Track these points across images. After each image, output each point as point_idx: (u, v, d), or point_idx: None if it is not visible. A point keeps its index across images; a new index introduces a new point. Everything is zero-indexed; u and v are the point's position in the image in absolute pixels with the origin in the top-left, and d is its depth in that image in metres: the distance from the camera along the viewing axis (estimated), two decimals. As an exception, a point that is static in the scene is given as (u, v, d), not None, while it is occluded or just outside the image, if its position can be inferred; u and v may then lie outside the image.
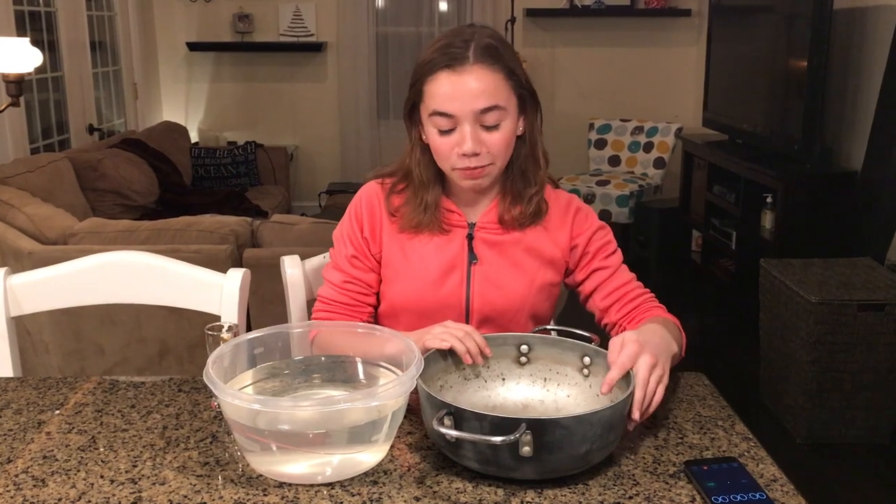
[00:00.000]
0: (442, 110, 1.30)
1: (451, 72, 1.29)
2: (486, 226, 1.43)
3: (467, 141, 1.30)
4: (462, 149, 1.31)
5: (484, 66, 1.29)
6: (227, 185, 5.21)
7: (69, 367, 2.76)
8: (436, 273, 1.41)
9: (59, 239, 2.81)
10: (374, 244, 1.45)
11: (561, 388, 1.21)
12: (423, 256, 1.42)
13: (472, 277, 1.42)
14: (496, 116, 1.31)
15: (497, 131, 1.32)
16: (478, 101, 1.29)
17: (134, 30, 5.28)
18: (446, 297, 1.41)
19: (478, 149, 1.31)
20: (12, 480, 1.05)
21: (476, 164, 1.33)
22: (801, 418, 2.80)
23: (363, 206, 1.46)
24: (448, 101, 1.30)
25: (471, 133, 1.30)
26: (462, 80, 1.29)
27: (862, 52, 3.71)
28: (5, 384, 1.35)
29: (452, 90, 1.29)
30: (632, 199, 4.94)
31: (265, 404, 1.03)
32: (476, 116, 1.30)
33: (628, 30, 5.55)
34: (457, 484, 1.03)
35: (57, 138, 4.41)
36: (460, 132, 1.31)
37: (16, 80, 2.93)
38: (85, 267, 1.57)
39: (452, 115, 1.30)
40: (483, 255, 1.42)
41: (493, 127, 1.32)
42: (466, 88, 1.29)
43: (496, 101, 1.30)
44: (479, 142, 1.31)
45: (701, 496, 0.99)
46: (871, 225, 3.40)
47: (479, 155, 1.32)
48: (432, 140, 1.35)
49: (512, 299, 1.42)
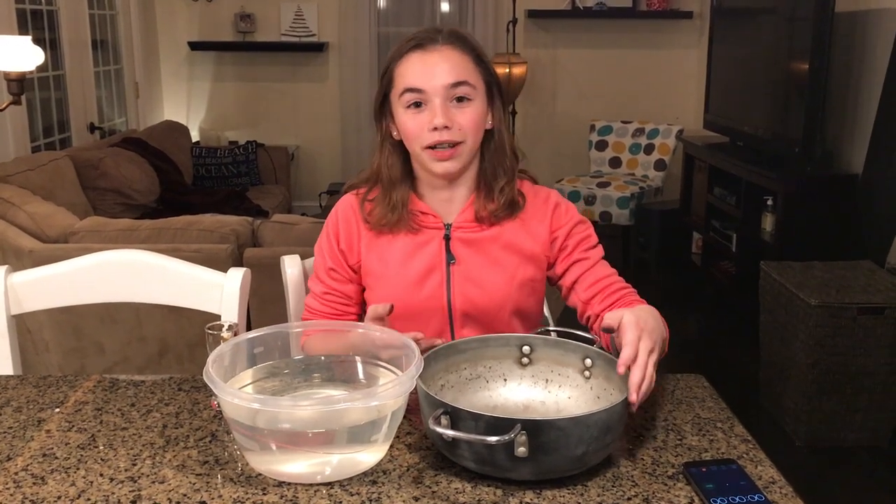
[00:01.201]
0: (412, 86, 1.34)
1: (421, 51, 1.34)
2: (462, 225, 1.43)
3: (438, 114, 1.33)
4: (433, 122, 1.33)
5: (453, 47, 1.35)
6: (228, 184, 5.21)
7: (69, 365, 2.76)
8: (415, 276, 1.42)
9: (59, 237, 2.81)
10: (352, 255, 1.46)
11: (562, 390, 1.21)
12: (401, 261, 1.43)
13: (452, 278, 1.42)
14: (466, 90, 1.34)
15: (467, 107, 1.35)
16: (448, 76, 1.33)
17: (135, 29, 5.28)
18: (427, 299, 1.42)
19: (449, 122, 1.33)
20: (12, 478, 1.05)
21: (448, 138, 1.34)
22: (800, 421, 2.80)
23: (339, 219, 1.47)
24: (419, 76, 1.33)
25: (441, 107, 1.33)
26: (432, 58, 1.34)
27: (863, 55, 3.71)
28: (5, 382, 1.35)
29: (423, 67, 1.33)
30: (632, 201, 4.94)
31: (265, 403, 1.03)
32: (446, 91, 1.33)
33: (630, 31, 5.56)
34: (455, 484, 1.03)
35: (58, 137, 4.41)
36: (430, 109, 1.34)
37: (17, 78, 2.94)
38: (85, 265, 1.58)
39: (423, 89, 1.33)
40: (461, 255, 1.42)
41: (464, 103, 1.34)
42: (436, 63, 1.33)
43: (465, 77, 1.34)
44: (448, 116, 1.33)
45: (699, 498, 0.99)
46: (872, 228, 3.40)
47: (450, 129, 1.33)
48: (403, 122, 1.37)
49: (493, 297, 1.42)
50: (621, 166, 5.37)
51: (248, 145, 5.35)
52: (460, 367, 1.22)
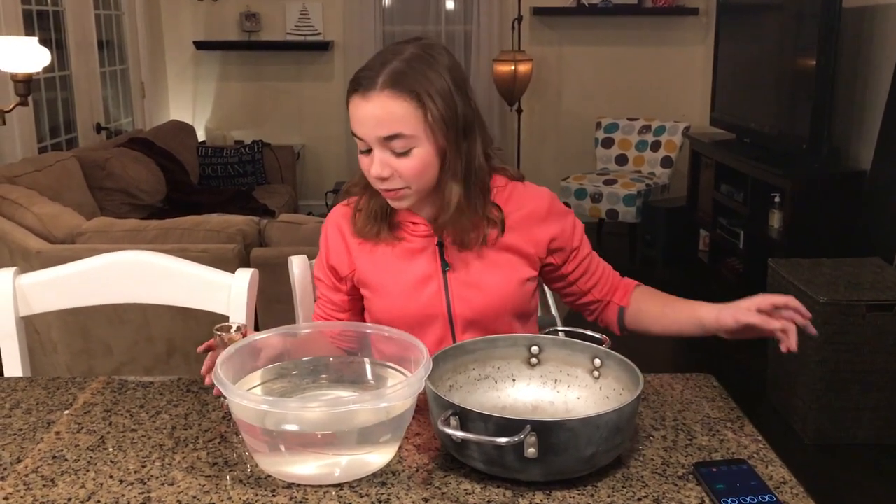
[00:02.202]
0: (355, 132, 1.32)
1: (360, 97, 1.29)
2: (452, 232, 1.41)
3: (375, 165, 1.31)
4: (371, 171, 1.32)
5: (391, 94, 1.27)
6: (234, 183, 5.21)
7: (77, 366, 2.77)
8: (411, 284, 1.41)
9: (67, 238, 2.82)
10: (343, 268, 1.46)
11: (571, 390, 1.20)
12: (396, 270, 1.42)
13: (450, 284, 1.41)
14: (403, 144, 1.29)
15: (407, 158, 1.30)
16: (380, 128, 1.28)
17: (141, 29, 5.29)
18: (426, 306, 1.41)
19: (384, 173, 1.30)
20: (22, 480, 1.05)
21: (388, 186, 1.33)
22: (809, 419, 2.79)
23: (328, 233, 1.48)
24: (357, 124, 1.31)
25: (378, 157, 1.30)
26: (367, 107, 1.28)
27: (871, 51, 3.69)
28: (15, 384, 1.36)
29: (360, 115, 1.30)
30: (639, 199, 4.93)
31: (274, 405, 1.03)
32: (381, 142, 1.29)
33: (635, 28, 5.54)
34: (465, 485, 1.03)
35: (65, 137, 4.42)
36: (371, 155, 1.32)
37: (24, 79, 2.94)
38: (94, 267, 1.58)
39: (361, 138, 1.31)
40: (455, 261, 1.41)
41: (403, 153, 1.30)
42: (370, 115, 1.28)
43: (399, 130, 1.28)
44: (387, 166, 1.30)
45: (710, 498, 0.98)
46: (880, 225, 3.39)
47: (387, 179, 1.32)
48: (359, 158, 1.35)
49: (492, 299, 1.41)
50: (628, 164, 5.36)
51: (254, 145, 5.35)
52: (469, 367, 1.21)
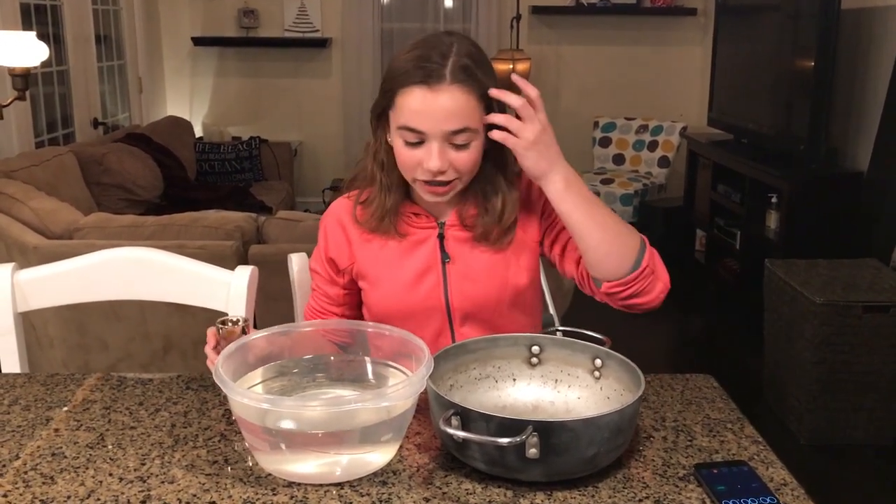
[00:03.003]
0: (412, 126, 1.28)
1: (426, 88, 1.26)
2: (456, 223, 1.42)
3: (434, 159, 1.28)
4: (428, 165, 1.29)
5: (461, 87, 1.26)
6: (232, 180, 5.21)
7: (73, 361, 2.76)
8: (411, 277, 1.41)
9: (64, 233, 2.81)
10: (343, 260, 1.45)
11: (572, 390, 1.20)
12: (395, 262, 1.42)
13: (448, 277, 1.41)
14: (466, 137, 1.28)
15: (465, 150, 1.30)
16: (449, 122, 1.27)
17: (139, 24, 5.27)
18: (424, 299, 1.41)
19: (444, 167, 1.29)
20: (21, 477, 1.05)
21: (441, 179, 1.31)
22: (804, 419, 2.80)
23: (328, 226, 1.47)
24: (419, 117, 1.27)
25: (438, 151, 1.28)
26: (435, 99, 1.26)
27: (869, 53, 3.70)
28: (13, 380, 1.35)
29: (425, 108, 1.26)
30: (636, 198, 4.94)
31: (274, 404, 1.03)
32: (446, 136, 1.28)
33: (634, 28, 5.54)
34: (466, 485, 1.03)
35: (62, 132, 4.40)
36: (427, 148, 1.29)
37: (22, 73, 2.93)
38: (92, 263, 1.57)
39: (422, 131, 1.28)
40: (455, 253, 1.41)
41: (463, 146, 1.29)
42: (439, 108, 1.26)
43: (467, 124, 1.27)
44: (445, 160, 1.29)
45: (711, 500, 0.98)
46: (877, 226, 3.40)
47: (444, 172, 1.30)
48: (398, 150, 1.33)
49: (491, 292, 1.41)
50: (625, 163, 5.37)
51: (252, 141, 5.34)
52: (469, 367, 1.21)
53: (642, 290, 1.29)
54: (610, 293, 1.31)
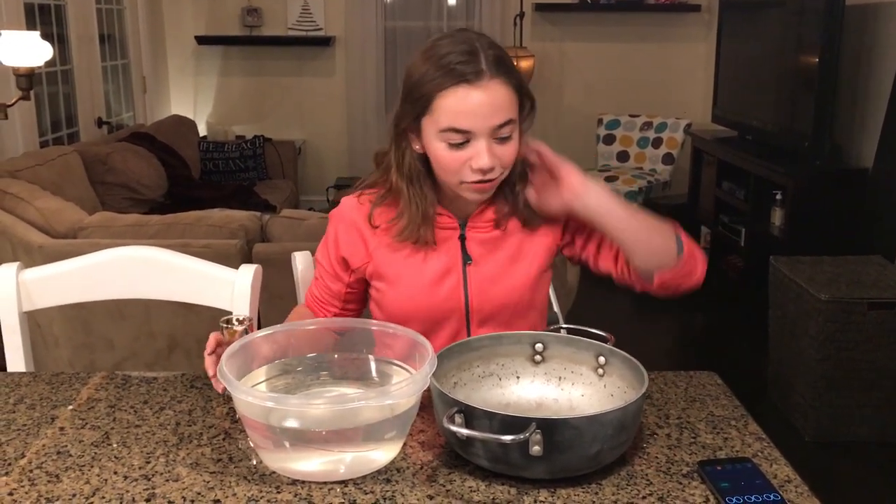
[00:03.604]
0: (459, 127, 1.26)
1: (467, 86, 1.24)
2: (477, 225, 1.41)
3: (484, 156, 1.27)
4: (478, 164, 1.27)
5: (501, 82, 1.26)
6: (236, 178, 5.21)
7: (79, 360, 2.77)
8: (431, 279, 1.40)
9: (68, 233, 2.82)
10: (356, 260, 1.43)
11: (575, 388, 1.21)
12: (417, 264, 1.40)
13: (469, 279, 1.40)
14: (509, 129, 1.29)
15: (509, 143, 1.30)
16: (495, 116, 1.26)
17: (143, 23, 5.28)
18: (444, 301, 1.40)
19: (494, 163, 1.28)
20: (27, 475, 1.05)
21: (490, 177, 1.30)
22: (809, 416, 2.80)
23: (341, 225, 1.45)
24: (464, 117, 1.25)
25: (487, 148, 1.27)
26: (480, 97, 1.25)
27: (874, 49, 3.69)
28: (18, 379, 1.36)
29: (470, 107, 1.25)
30: (640, 195, 4.93)
31: (279, 402, 1.03)
32: (493, 131, 1.27)
33: (638, 25, 5.53)
34: (469, 482, 1.03)
35: (66, 132, 4.41)
36: (474, 147, 1.27)
37: (26, 73, 2.94)
38: (97, 262, 1.58)
39: (469, 130, 1.26)
40: (477, 255, 1.40)
41: (506, 139, 1.29)
42: (485, 103, 1.25)
43: (511, 115, 1.28)
44: (493, 156, 1.28)
45: (715, 497, 0.98)
46: (882, 223, 3.39)
47: (493, 169, 1.29)
48: (440, 154, 1.30)
49: (511, 294, 1.41)
50: (629, 160, 5.36)
51: (256, 140, 5.35)
52: (473, 364, 1.21)
53: (690, 271, 1.34)
54: (664, 284, 1.34)
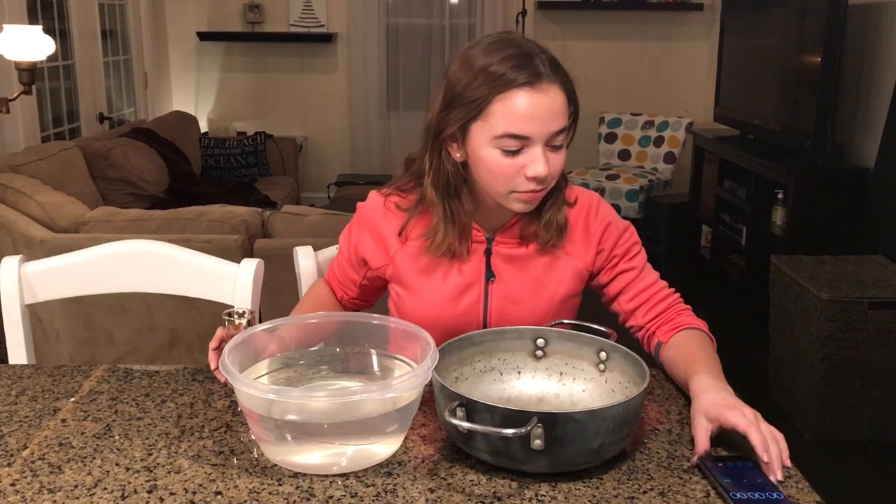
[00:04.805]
0: (517, 133, 1.20)
1: (530, 90, 1.19)
2: (504, 240, 1.36)
3: (540, 164, 1.21)
4: (534, 171, 1.21)
5: (559, 86, 1.22)
6: (237, 175, 5.21)
7: (80, 354, 2.77)
8: (452, 292, 1.36)
9: (70, 227, 2.82)
10: (377, 261, 1.40)
11: (577, 383, 1.21)
12: (439, 275, 1.37)
13: (490, 296, 1.36)
14: (563, 137, 1.24)
15: (560, 151, 1.25)
16: (555, 122, 1.21)
17: (144, 19, 5.28)
18: (462, 315, 1.37)
19: (549, 171, 1.23)
20: (29, 467, 1.05)
21: (543, 186, 1.25)
22: (810, 415, 2.80)
23: (366, 225, 1.41)
24: (525, 122, 1.19)
25: (543, 155, 1.21)
26: (542, 101, 1.19)
27: (876, 48, 3.69)
28: (20, 371, 1.36)
29: (532, 110, 1.19)
30: (641, 194, 4.93)
31: (280, 394, 1.03)
32: (550, 137, 1.22)
33: (640, 23, 5.53)
34: (471, 476, 1.03)
35: (67, 127, 4.42)
36: (530, 154, 1.21)
37: (28, 67, 2.94)
38: (99, 255, 1.58)
39: (528, 136, 1.20)
40: (501, 272, 1.36)
41: (558, 147, 1.24)
42: (546, 108, 1.20)
43: (566, 123, 1.24)
44: (548, 164, 1.22)
45: (716, 492, 0.98)
46: (883, 222, 3.39)
47: (547, 177, 1.24)
48: (492, 162, 1.23)
49: (531, 316, 1.36)
50: (630, 159, 5.36)
51: (257, 136, 5.35)
52: (474, 359, 1.22)
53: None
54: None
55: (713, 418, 1.07)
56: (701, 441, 1.06)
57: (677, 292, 1.42)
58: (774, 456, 1.02)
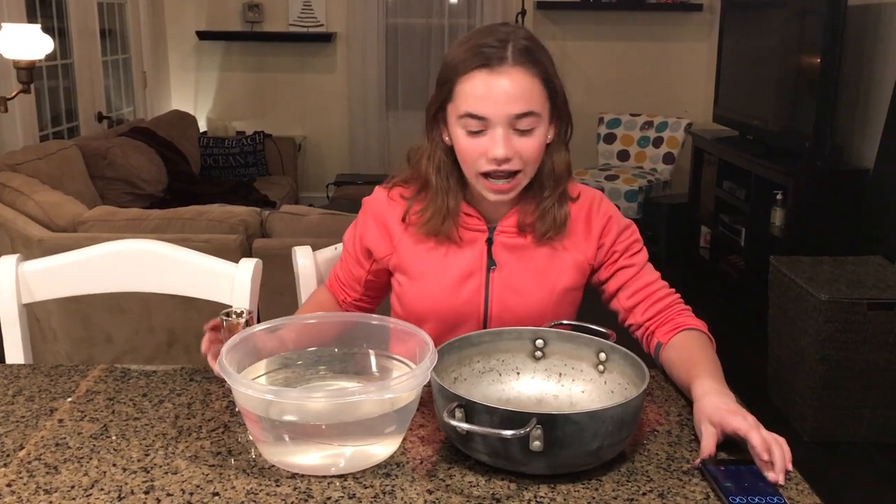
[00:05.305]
0: (475, 112, 1.25)
1: (488, 71, 1.23)
2: (506, 230, 1.38)
3: (499, 145, 1.25)
4: (493, 153, 1.25)
5: (524, 70, 1.24)
6: (236, 174, 5.21)
7: (77, 354, 2.77)
8: (454, 279, 1.38)
9: (68, 226, 2.81)
10: (381, 251, 1.42)
11: (576, 384, 1.20)
12: (440, 263, 1.38)
13: (491, 284, 1.37)
14: (530, 122, 1.25)
15: (530, 137, 1.27)
16: (513, 105, 1.24)
17: (144, 18, 5.27)
18: (463, 304, 1.38)
19: (509, 154, 1.26)
20: (25, 467, 1.05)
21: (506, 168, 1.27)
22: (808, 416, 2.79)
23: (370, 215, 1.44)
24: (482, 102, 1.24)
25: (503, 137, 1.25)
26: (498, 82, 1.23)
27: (875, 49, 3.69)
28: (17, 371, 1.35)
29: (487, 91, 1.23)
30: (640, 195, 4.93)
31: (278, 395, 1.03)
32: (510, 121, 1.25)
33: (639, 24, 5.53)
34: (469, 477, 1.02)
35: (66, 126, 4.41)
36: (491, 136, 1.26)
37: (27, 66, 2.93)
38: (97, 255, 1.57)
39: (485, 117, 1.25)
40: (502, 261, 1.38)
41: (527, 132, 1.26)
42: (502, 90, 1.23)
43: (531, 107, 1.25)
44: (510, 147, 1.25)
45: (718, 496, 0.98)
46: (882, 223, 3.39)
47: (510, 160, 1.27)
48: (459, 143, 1.29)
49: (532, 306, 1.37)
50: (629, 159, 5.36)
51: (256, 136, 5.34)
52: (473, 360, 1.21)
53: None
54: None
55: (716, 423, 1.07)
56: (705, 446, 1.05)
57: (677, 293, 1.42)
58: (777, 458, 1.02)
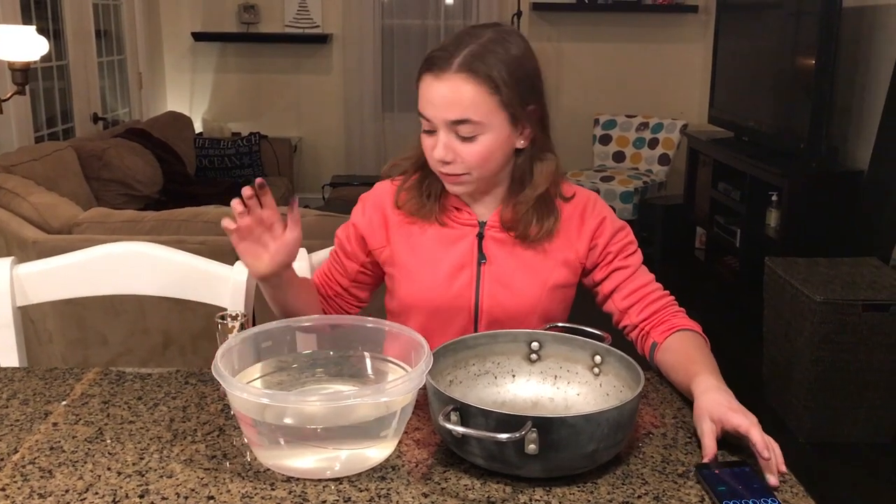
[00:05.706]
0: (423, 113, 1.31)
1: (433, 77, 1.28)
2: (496, 224, 1.40)
3: (438, 147, 1.30)
4: (433, 153, 1.31)
5: (466, 77, 1.25)
6: (231, 175, 5.20)
7: (72, 356, 2.76)
8: (444, 272, 1.39)
9: (63, 228, 2.81)
10: (374, 241, 1.44)
11: (571, 387, 1.20)
12: (431, 255, 1.40)
13: (482, 278, 1.39)
14: (470, 129, 1.28)
15: (472, 143, 1.29)
16: (449, 111, 1.27)
17: (139, 19, 5.27)
18: (455, 297, 1.39)
19: (448, 157, 1.30)
20: (19, 471, 1.05)
21: (449, 171, 1.32)
22: (804, 417, 2.80)
23: (367, 206, 1.46)
24: (427, 105, 1.29)
25: (443, 140, 1.29)
26: (440, 88, 1.27)
27: (870, 51, 3.70)
28: (12, 374, 1.35)
29: (430, 95, 1.28)
30: (636, 196, 4.94)
31: (273, 398, 1.03)
32: (449, 125, 1.28)
33: (635, 25, 5.54)
34: (465, 480, 1.02)
35: (61, 127, 4.40)
36: (437, 137, 1.30)
37: (22, 68, 2.93)
38: (92, 257, 1.57)
39: (429, 119, 1.30)
40: (493, 255, 1.39)
41: (469, 138, 1.29)
42: (441, 96, 1.27)
43: (468, 116, 1.26)
44: (450, 150, 1.29)
45: (711, 500, 0.98)
46: (877, 225, 3.39)
47: (450, 163, 1.31)
48: (421, 137, 1.35)
49: (522, 301, 1.39)
50: (625, 161, 5.37)
51: (252, 137, 5.34)
52: (469, 362, 1.21)
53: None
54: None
55: (717, 419, 1.08)
56: (708, 444, 1.06)
57: (672, 294, 1.43)
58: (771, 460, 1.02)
